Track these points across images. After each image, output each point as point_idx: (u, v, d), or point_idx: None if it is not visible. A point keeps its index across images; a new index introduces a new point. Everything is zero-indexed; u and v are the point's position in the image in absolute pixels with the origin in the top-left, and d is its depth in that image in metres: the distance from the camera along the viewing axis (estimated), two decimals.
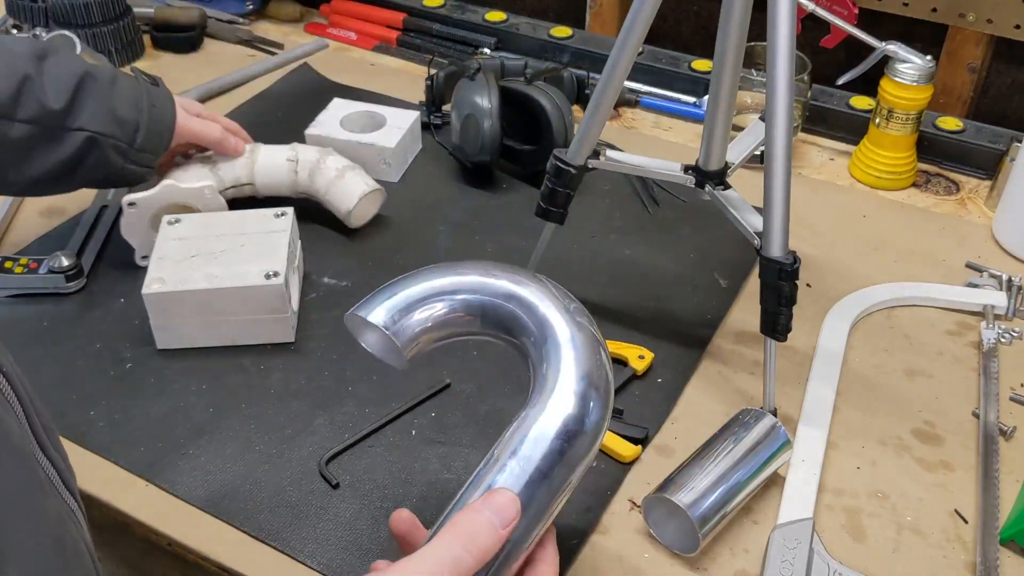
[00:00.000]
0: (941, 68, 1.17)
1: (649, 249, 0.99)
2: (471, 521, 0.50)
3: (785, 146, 0.71)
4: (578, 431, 0.54)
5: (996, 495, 0.73)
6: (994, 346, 0.86)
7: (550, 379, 0.56)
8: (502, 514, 0.50)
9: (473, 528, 0.49)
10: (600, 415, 0.55)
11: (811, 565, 0.68)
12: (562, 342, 0.57)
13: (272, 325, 0.86)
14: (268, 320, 0.85)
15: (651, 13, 0.74)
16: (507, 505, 0.51)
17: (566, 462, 0.53)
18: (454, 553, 0.48)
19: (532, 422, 0.54)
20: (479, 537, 0.49)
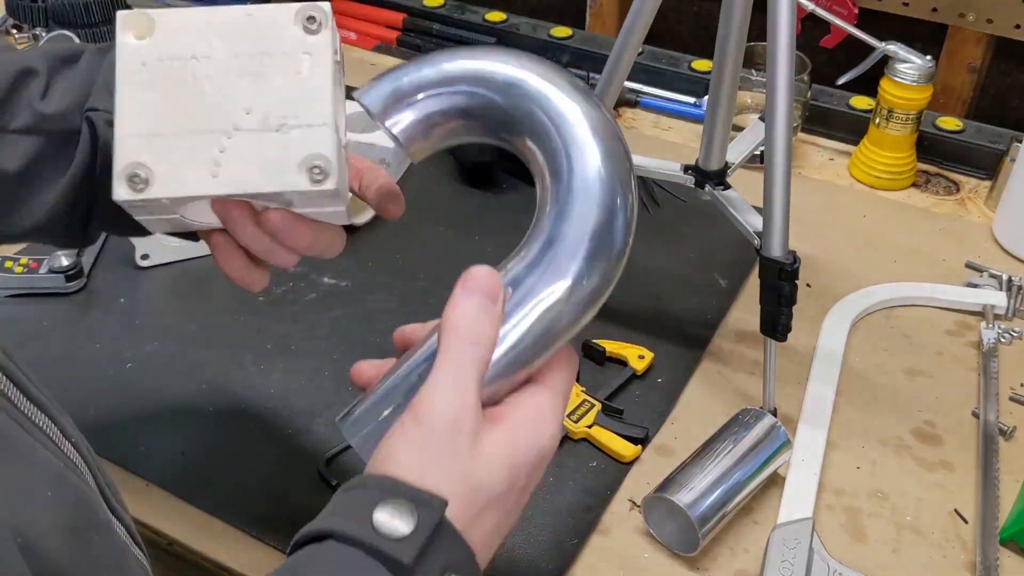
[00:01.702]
0: (941, 68, 1.17)
1: (649, 249, 0.99)
2: (464, 314, 0.46)
3: (785, 146, 0.71)
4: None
5: (996, 495, 0.73)
6: (994, 346, 0.86)
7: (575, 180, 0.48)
8: (488, 291, 0.47)
9: (470, 319, 0.45)
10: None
11: (811, 565, 0.68)
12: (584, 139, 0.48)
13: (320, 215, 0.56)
14: (315, 213, 0.55)
15: (651, 13, 0.74)
16: (486, 278, 0.47)
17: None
18: (468, 355, 0.44)
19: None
20: (479, 325, 0.45)
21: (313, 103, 0.49)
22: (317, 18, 0.50)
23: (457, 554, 0.41)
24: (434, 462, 0.42)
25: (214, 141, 0.49)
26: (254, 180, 0.49)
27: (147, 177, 0.49)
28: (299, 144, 0.49)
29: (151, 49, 0.50)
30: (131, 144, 0.49)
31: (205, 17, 0.51)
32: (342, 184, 0.50)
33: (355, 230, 1.01)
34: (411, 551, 0.39)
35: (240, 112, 0.49)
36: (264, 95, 0.50)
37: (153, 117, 0.49)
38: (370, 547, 0.39)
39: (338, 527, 0.40)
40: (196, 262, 0.96)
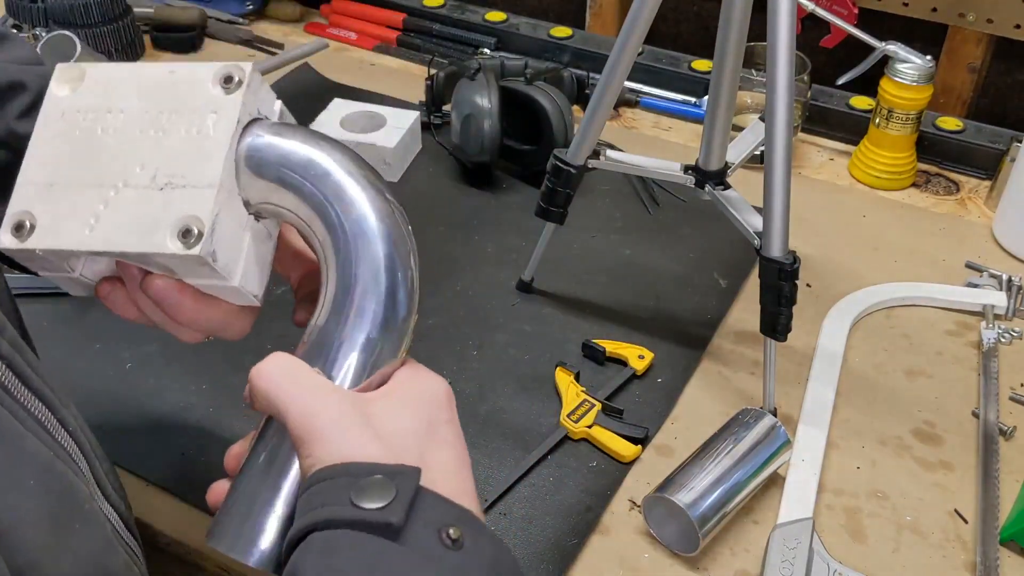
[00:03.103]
0: (941, 68, 1.17)
1: (649, 249, 0.99)
2: (274, 374, 0.46)
3: (785, 146, 0.71)
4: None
5: (996, 495, 0.73)
6: (994, 346, 0.86)
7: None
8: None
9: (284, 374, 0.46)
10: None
11: (811, 565, 0.68)
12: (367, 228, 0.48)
13: (217, 291, 0.52)
14: (205, 286, 0.51)
15: (651, 13, 0.74)
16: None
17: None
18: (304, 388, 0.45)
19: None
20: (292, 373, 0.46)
21: (204, 163, 0.47)
22: (235, 77, 0.48)
23: (448, 511, 0.41)
24: (348, 445, 0.42)
25: (101, 195, 0.47)
26: (125, 239, 0.47)
27: (31, 226, 0.47)
28: (178, 205, 0.46)
29: (73, 100, 0.50)
30: (26, 192, 0.48)
31: (131, 71, 0.50)
32: (225, 255, 0.47)
33: None
34: (399, 513, 0.38)
35: (134, 167, 0.48)
36: (160, 153, 0.48)
37: (54, 167, 0.49)
38: (356, 522, 0.38)
39: (321, 517, 0.39)
40: None
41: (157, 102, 0.49)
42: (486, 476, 0.76)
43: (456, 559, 0.39)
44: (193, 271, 0.48)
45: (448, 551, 0.39)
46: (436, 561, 0.38)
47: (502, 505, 0.74)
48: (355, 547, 0.38)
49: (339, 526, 0.39)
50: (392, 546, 0.38)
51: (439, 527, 0.39)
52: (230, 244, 0.48)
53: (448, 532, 0.39)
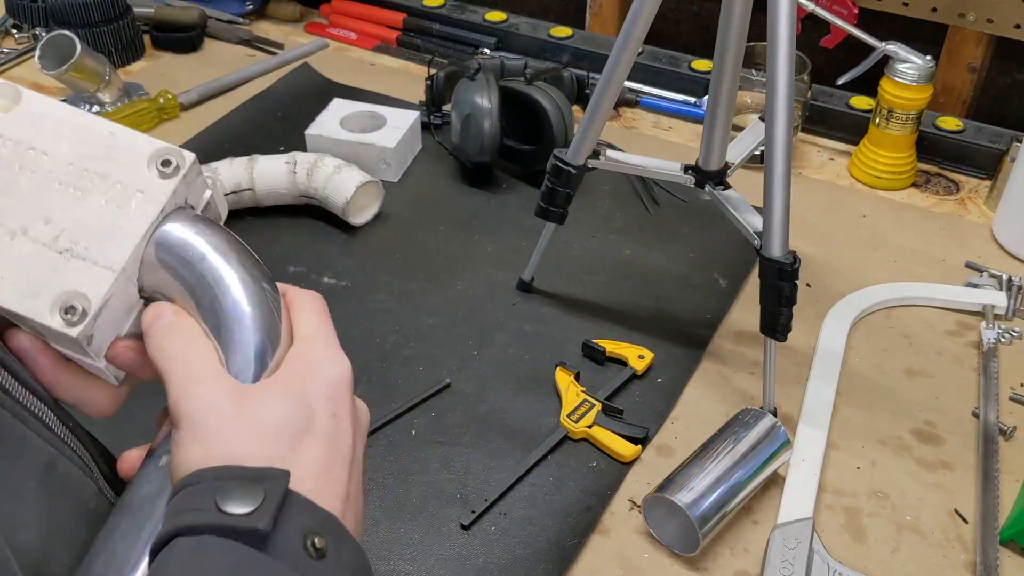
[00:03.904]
0: (941, 68, 1.17)
1: (649, 249, 0.99)
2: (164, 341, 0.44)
3: (785, 146, 0.71)
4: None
5: (996, 495, 0.73)
6: (994, 346, 0.86)
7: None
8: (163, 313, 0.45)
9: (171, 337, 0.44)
10: None
11: (811, 565, 0.68)
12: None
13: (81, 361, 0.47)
14: (71, 356, 0.47)
15: (651, 13, 0.74)
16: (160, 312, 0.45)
17: None
18: (186, 355, 0.43)
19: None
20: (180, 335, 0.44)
21: (113, 242, 0.44)
22: (173, 163, 0.45)
23: (314, 517, 0.40)
24: (219, 437, 0.41)
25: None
26: (5, 292, 0.43)
27: None
28: (71, 276, 0.43)
29: (1, 124, 0.46)
30: None
31: (71, 115, 0.46)
32: (101, 338, 0.44)
33: (354, 230, 1.01)
34: (265, 519, 0.37)
35: (39, 219, 0.45)
36: (71, 213, 0.44)
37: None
38: (222, 528, 0.37)
39: (184, 522, 0.38)
40: None
41: (86, 158, 0.45)
42: (486, 476, 0.76)
43: (319, 570, 0.38)
44: (63, 343, 0.45)
45: (312, 561, 0.38)
46: (300, 571, 0.38)
47: (502, 505, 0.74)
48: (220, 553, 0.37)
49: (204, 531, 0.37)
50: (257, 555, 0.37)
51: (305, 533, 0.38)
52: (110, 327, 0.45)
53: (313, 541, 0.38)
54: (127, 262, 0.44)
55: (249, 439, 0.41)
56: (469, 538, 0.71)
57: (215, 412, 0.41)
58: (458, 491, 0.75)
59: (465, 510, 0.73)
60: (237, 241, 0.46)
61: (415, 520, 0.72)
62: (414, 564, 0.70)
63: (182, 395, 0.42)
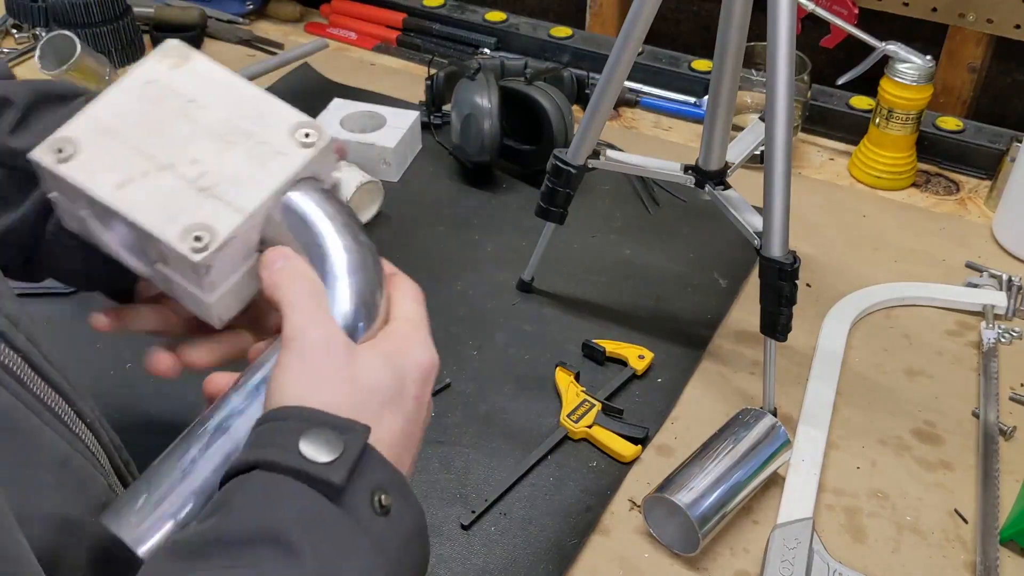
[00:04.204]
0: (941, 68, 1.17)
1: (649, 249, 0.99)
2: (284, 274, 0.48)
3: (785, 146, 0.71)
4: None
5: (996, 495, 0.73)
6: (994, 346, 0.86)
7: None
8: (286, 255, 0.49)
9: (291, 273, 0.48)
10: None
11: (811, 565, 0.68)
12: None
13: (188, 296, 0.52)
14: (185, 289, 0.51)
15: (651, 13, 0.74)
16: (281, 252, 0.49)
17: None
18: (314, 297, 0.47)
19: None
20: (305, 275, 0.48)
21: (248, 191, 0.49)
22: (313, 136, 0.51)
23: (384, 474, 0.42)
24: (322, 377, 0.44)
25: (144, 166, 0.49)
26: (143, 213, 0.48)
27: (70, 155, 0.49)
28: (205, 211, 0.48)
29: (168, 76, 0.53)
30: (83, 123, 0.50)
31: (231, 79, 0.53)
32: (217, 274, 0.49)
33: None
34: (341, 472, 0.39)
35: (187, 160, 0.50)
36: (216, 159, 0.50)
37: (119, 119, 0.51)
38: (299, 472, 0.39)
39: (266, 456, 0.40)
40: None
41: (238, 117, 0.51)
42: (486, 476, 0.76)
43: (382, 526, 0.40)
44: (183, 270, 0.49)
45: (376, 517, 0.40)
46: (364, 526, 0.40)
47: (502, 505, 0.74)
48: (293, 496, 0.39)
49: (283, 471, 0.40)
50: (328, 505, 0.39)
51: (373, 490, 0.41)
52: (228, 264, 0.49)
53: (380, 498, 0.41)
54: (256, 209, 0.48)
55: (346, 391, 0.44)
56: (469, 538, 0.71)
57: (328, 353, 0.44)
58: (458, 491, 0.75)
59: (465, 510, 0.73)
60: (352, 217, 0.51)
61: None
62: None
63: (307, 323, 0.45)
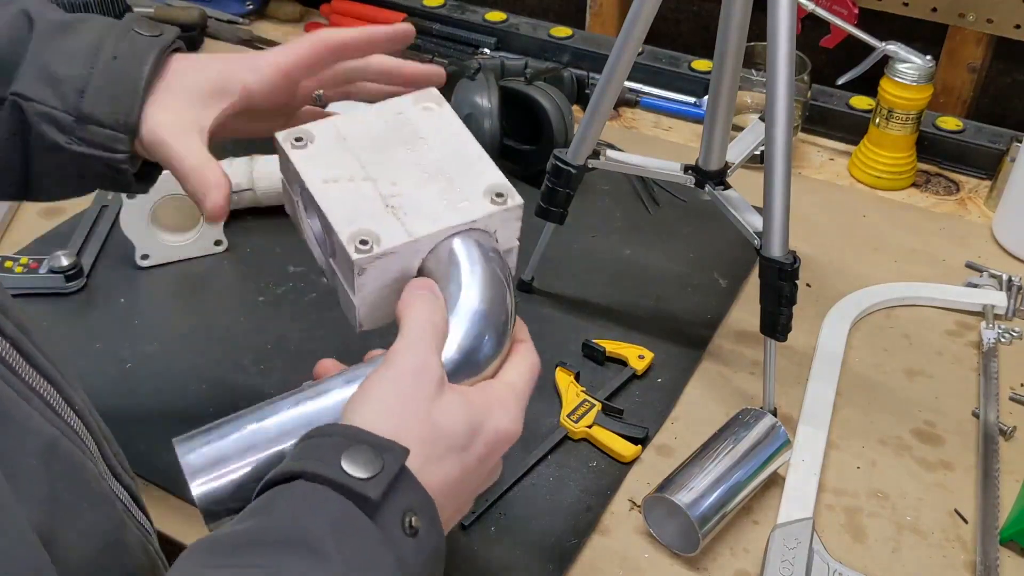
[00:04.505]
0: (941, 68, 1.17)
1: (649, 249, 0.99)
2: (418, 302, 0.51)
3: (785, 146, 0.71)
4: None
5: (996, 495, 0.73)
6: (994, 346, 0.86)
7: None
8: (430, 287, 0.52)
9: (425, 305, 0.51)
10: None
11: (811, 565, 0.68)
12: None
13: (343, 292, 0.58)
14: (342, 284, 0.57)
15: (651, 13, 0.74)
16: (426, 281, 0.53)
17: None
18: (427, 328, 0.49)
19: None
20: (431, 309, 0.51)
21: (424, 221, 0.54)
22: (505, 197, 0.56)
23: (417, 497, 0.44)
24: (401, 403, 0.46)
25: (354, 172, 0.56)
26: (333, 207, 0.54)
27: (303, 146, 0.57)
28: (382, 223, 0.54)
29: (416, 112, 0.61)
30: (328, 126, 0.58)
31: (460, 131, 0.61)
32: (369, 279, 0.53)
33: None
34: (378, 489, 0.41)
35: (389, 180, 0.56)
36: (414, 188, 0.56)
37: (358, 131, 0.58)
38: (339, 485, 0.42)
39: (308, 468, 0.42)
40: (196, 262, 0.97)
41: (451, 162, 0.58)
42: None
43: (410, 546, 0.42)
44: (344, 268, 0.55)
45: (405, 537, 0.42)
46: (393, 543, 0.42)
47: (502, 505, 0.74)
48: (331, 505, 0.41)
49: (324, 482, 0.42)
50: (363, 519, 0.41)
51: (406, 510, 0.43)
52: (380, 277, 0.54)
53: (411, 519, 0.43)
54: (423, 236, 0.53)
55: (417, 422, 0.46)
56: (469, 538, 0.71)
57: (416, 383, 0.47)
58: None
59: None
60: (507, 277, 0.55)
61: None
62: None
63: (410, 349, 0.48)
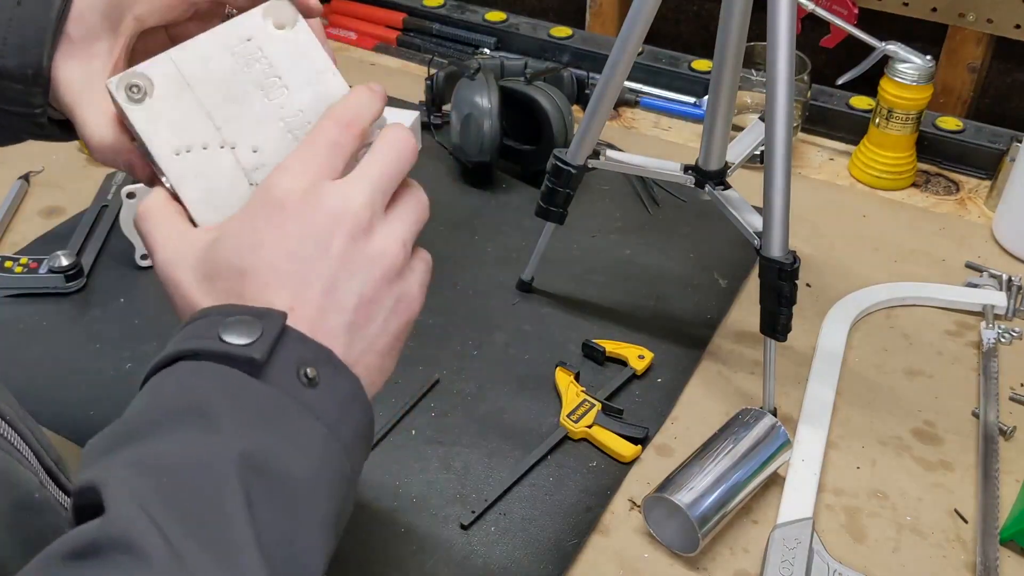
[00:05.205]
0: (941, 68, 1.17)
1: (649, 249, 0.99)
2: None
3: (785, 146, 0.71)
4: None
5: (996, 495, 0.73)
6: (994, 346, 0.86)
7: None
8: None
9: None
10: None
11: (811, 565, 0.68)
12: None
13: None
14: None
15: (651, 13, 0.74)
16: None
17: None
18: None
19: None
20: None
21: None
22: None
23: (307, 351, 0.43)
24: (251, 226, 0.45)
25: (208, 137, 0.48)
26: (191, 191, 0.48)
27: (142, 97, 0.47)
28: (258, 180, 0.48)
29: (266, 37, 0.49)
30: (166, 66, 0.48)
31: (324, 67, 0.50)
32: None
33: None
34: (261, 349, 0.41)
35: (250, 145, 0.48)
36: (278, 153, 0.48)
37: (202, 72, 0.48)
38: (222, 355, 0.41)
39: (186, 346, 0.42)
40: None
41: (316, 112, 0.49)
42: (486, 476, 0.76)
43: (310, 395, 0.42)
44: None
45: (304, 388, 0.42)
46: (292, 395, 0.41)
47: (502, 505, 0.74)
48: (216, 376, 0.41)
49: (205, 357, 0.41)
50: (250, 380, 0.41)
51: (298, 364, 0.42)
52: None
53: (306, 371, 0.42)
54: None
55: (283, 280, 0.44)
56: (469, 538, 0.71)
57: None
58: (458, 491, 0.75)
59: (465, 510, 0.73)
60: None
61: (415, 520, 0.72)
62: (413, 564, 0.69)
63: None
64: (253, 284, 0.44)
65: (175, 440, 0.39)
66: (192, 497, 0.37)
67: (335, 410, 0.42)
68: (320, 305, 0.44)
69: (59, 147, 1.13)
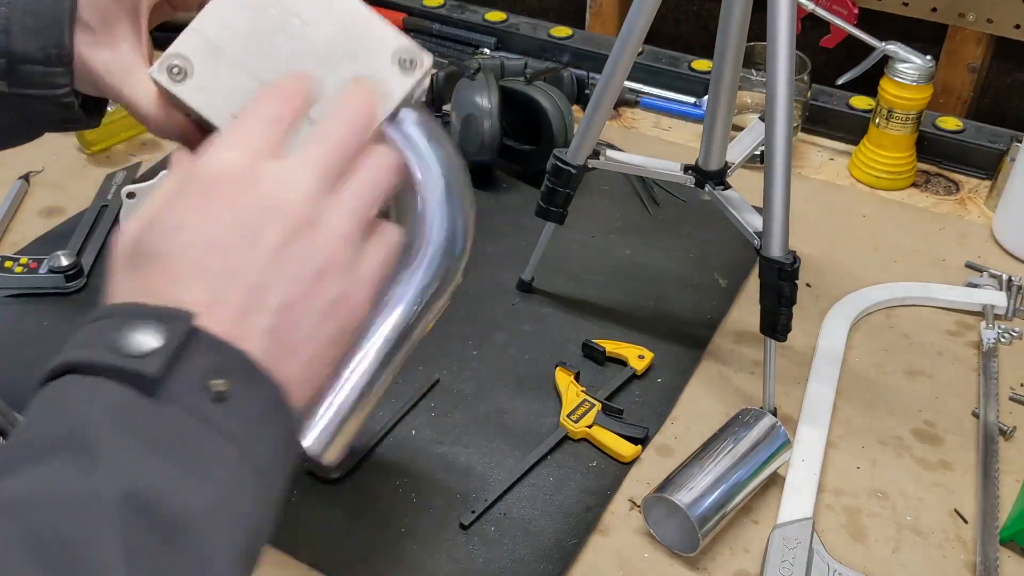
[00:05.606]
0: (941, 68, 1.17)
1: (649, 249, 0.99)
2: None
3: (785, 146, 0.71)
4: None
5: (996, 495, 0.73)
6: (994, 346, 0.86)
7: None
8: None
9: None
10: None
11: (811, 565, 0.68)
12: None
13: None
14: None
15: (651, 13, 0.74)
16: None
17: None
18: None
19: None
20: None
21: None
22: (415, 64, 0.50)
23: (218, 358, 0.37)
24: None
25: (255, 89, 0.48)
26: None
27: (184, 77, 0.49)
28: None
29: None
30: (193, 40, 0.50)
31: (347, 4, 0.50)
32: None
33: None
34: (158, 362, 0.35)
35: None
36: (320, 87, 0.48)
37: (226, 34, 0.50)
38: (112, 368, 0.36)
39: (74, 357, 0.36)
40: None
41: (342, 38, 0.49)
42: (486, 476, 0.76)
43: (218, 412, 0.36)
44: None
45: (211, 404, 0.36)
46: (195, 414, 0.36)
47: (502, 505, 0.74)
48: (104, 396, 0.35)
49: (96, 371, 0.36)
50: (142, 401, 0.36)
51: (205, 377, 0.37)
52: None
53: (214, 383, 0.37)
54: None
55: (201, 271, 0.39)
56: (469, 538, 0.71)
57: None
58: (458, 491, 0.75)
59: (465, 510, 0.73)
60: (456, 152, 0.51)
61: (415, 520, 0.72)
62: (414, 564, 0.70)
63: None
64: (164, 274, 0.39)
65: (48, 476, 0.33)
66: (60, 547, 0.32)
67: (248, 426, 0.37)
68: (241, 305, 0.38)
69: (59, 147, 1.13)
